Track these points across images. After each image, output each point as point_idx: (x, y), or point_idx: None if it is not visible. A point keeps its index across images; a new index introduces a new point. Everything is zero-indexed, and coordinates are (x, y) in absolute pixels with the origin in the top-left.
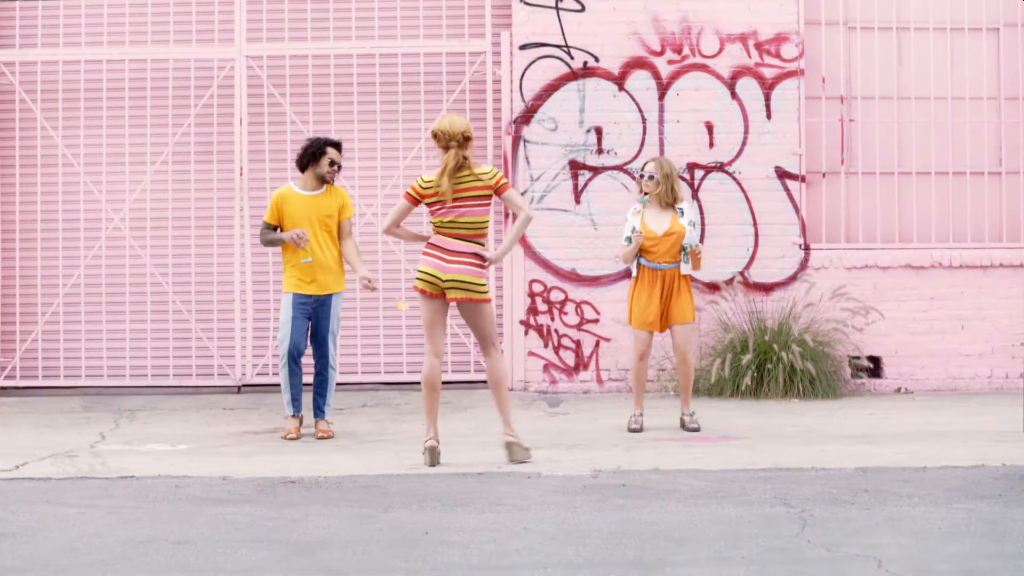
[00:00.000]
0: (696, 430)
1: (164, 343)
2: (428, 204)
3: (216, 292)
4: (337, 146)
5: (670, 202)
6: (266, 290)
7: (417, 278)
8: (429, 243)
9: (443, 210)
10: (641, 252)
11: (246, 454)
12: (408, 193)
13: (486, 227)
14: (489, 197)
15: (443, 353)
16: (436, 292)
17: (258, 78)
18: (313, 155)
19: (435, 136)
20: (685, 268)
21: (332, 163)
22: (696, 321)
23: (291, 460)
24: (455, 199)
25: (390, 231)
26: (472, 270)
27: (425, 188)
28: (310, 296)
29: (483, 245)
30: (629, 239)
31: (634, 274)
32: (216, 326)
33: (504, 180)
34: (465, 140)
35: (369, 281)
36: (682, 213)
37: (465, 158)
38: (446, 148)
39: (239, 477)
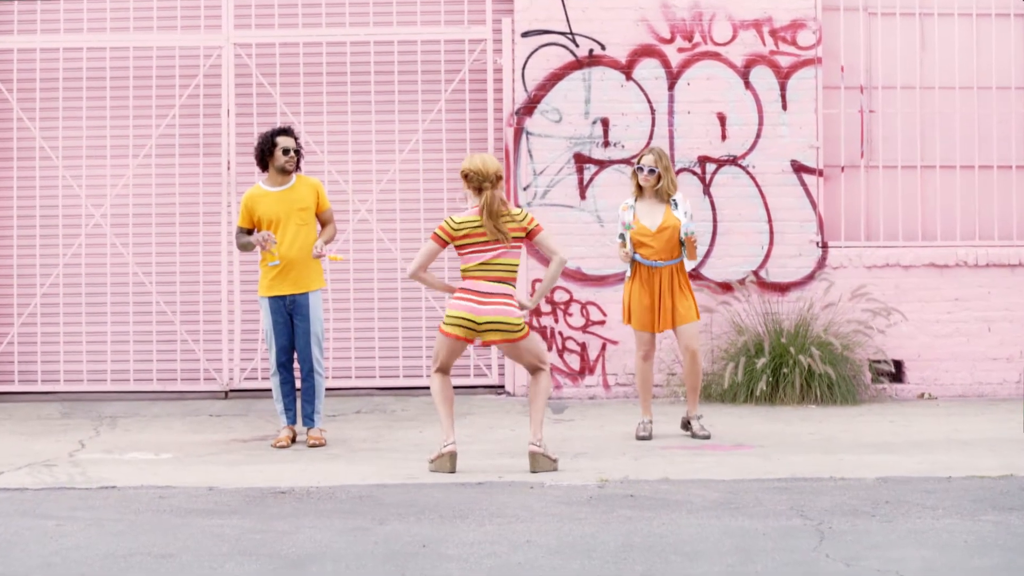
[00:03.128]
0: (707, 437)
1: (147, 346)
2: (458, 247)
3: (202, 292)
4: (287, 132)
5: (668, 194)
6: (254, 290)
7: (447, 323)
8: (461, 288)
9: (475, 253)
10: (635, 249)
11: (233, 463)
12: (436, 235)
13: (517, 270)
14: (522, 239)
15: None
16: (468, 337)
17: (246, 67)
18: (265, 150)
19: (466, 177)
20: (689, 264)
21: (286, 151)
22: (701, 320)
23: (281, 469)
24: (491, 241)
25: (417, 276)
26: (507, 310)
27: (458, 230)
28: (285, 296)
29: (514, 287)
30: (623, 236)
31: (628, 272)
32: (202, 328)
33: (536, 223)
34: (497, 180)
35: (319, 246)
36: (676, 205)
37: (502, 200)
38: (479, 189)
39: (226, 487)
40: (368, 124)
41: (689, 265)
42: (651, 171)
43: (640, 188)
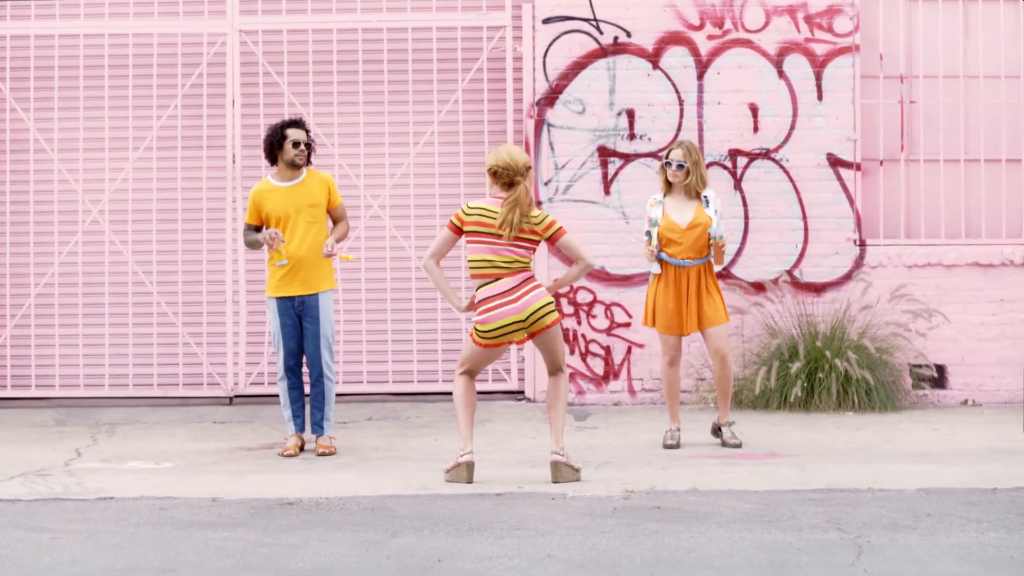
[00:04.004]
0: (738, 446)
1: (148, 349)
2: (467, 233)
3: (206, 293)
4: (297, 124)
5: (698, 190)
6: (261, 290)
7: (488, 337)
8: (482, 300)
9: (481, 244)
10: (662, 247)
11: (238, 473)
12: (451, 222)
13: (530, 262)
14: (538, 243)
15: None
16: (519, 340)
17: (253, 55)
18: (274, 143)
19: (495, 174)
20: (716, 267)
21: (296, 144)
22: (731, 321)
23: (289, 479)
24: (499, 235)
25: (427, 265)
26: (541, 292)
27: (469, 215)
28: (293, 297)
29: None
30: (650, 234)
31: (654, 271)
32: (206, 330)
33: (558, 227)
34: (527, 171)
35: (330, 245)
36: (707, 203)
37: (531, 200)
38: (510, 184)
39: (230, 498)
40: (381, 116)
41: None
42: (680, 166)
43: (669, 183)
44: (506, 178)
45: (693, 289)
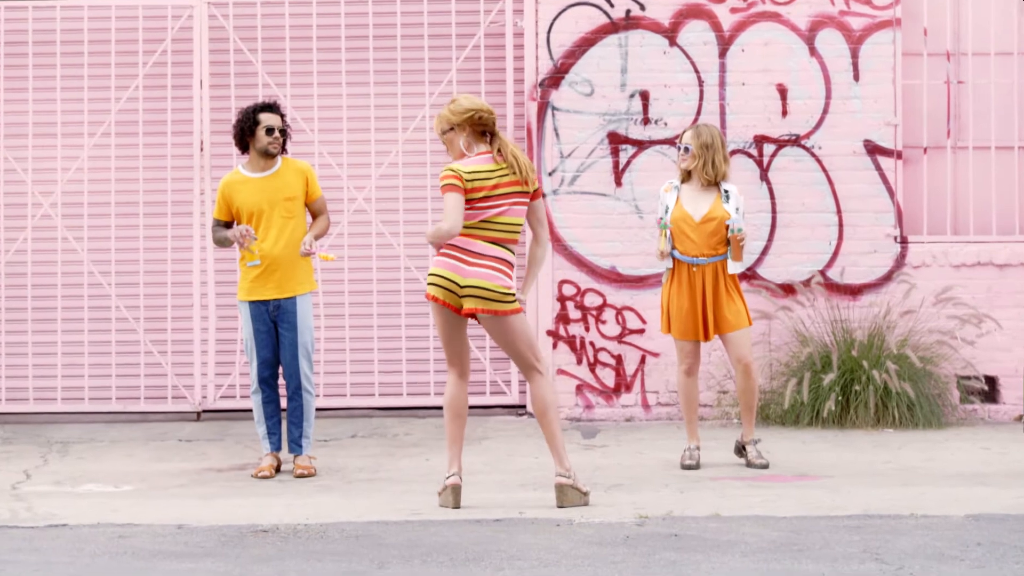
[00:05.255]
0: (765, 466)
1: (105, 359)
2: (469, 200)
3: (171, 296)
4: (271, 108)
5: (712, 179)
6: (232, 292)
7: (429, 283)
8: (448, 244)
9: (475, 210)
10: (674, 242)
11: (207, 496)
12: (452, 184)
13: (520, 230)
14: (528, 196)
15: (468, 372)
16: (452, 302)
17: (223, 29)
18: (246, 130)
19: (479, 120)
20: (734, 267)
21: (270, 130)
22: (754, 326)
23: (263, 504)
24: (496, 196)
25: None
26: (494, 275)
27: (468, 180)
28: (268, 301)
29: (513, 252)
30: (664, 223)
31: (667, 268)
32: (170, 337)
33: (537, 186)
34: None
35: (308, 242)
36: (727, 197)
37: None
38: (485, 133)
39: (198, 525)
40: (366, 98)
41: (734, 268)
42: (686, 149)
43: (688, 172)
44: (490, 123)
45: (710, 289)
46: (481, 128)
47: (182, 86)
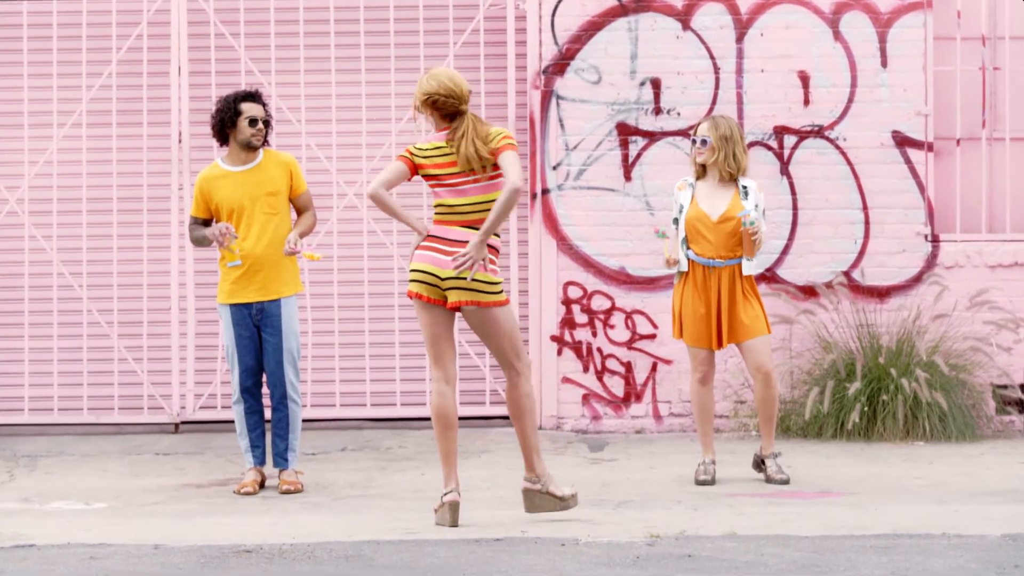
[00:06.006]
0: (785, 482)
1: (76, 367)
2: (425, 177)
3: (147, 299)
4: (254, 97)
5: (732, 174)
6: (213, 295)
7: (411, 279)
8: (428, 235)
9: (442, 188)
10: (689, 242)
11: (186, 514)
12: (402, 155)
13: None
14: (488, 176)
15: (455, 378)
16: (436, 297)
17: (203, 13)
18: (226, 121)
19: (433, 103)
20: (748, 267)
21: (253, 121)
22: (774, 333)
23: (246, 522)
24: (460, 174)
25: (376, 194)
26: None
27: (422, 156)
28: (250, 304)
29: (499, 236)
30: (676, 220)
31: (681, 268)
32: (146, 343)
33: (507, 140)
34: (469, 97)
35: (293, 241)
36: (746, 193)
37: (480, 120)
38: (453, 114)
39: (176, 545)
40: (357, 86)
41: (748, 268)
42: (704, 141)
43: (703, 167)
44: (450, 107)
45: (725, 293)
46: (441, 111)
47: (159, 73)
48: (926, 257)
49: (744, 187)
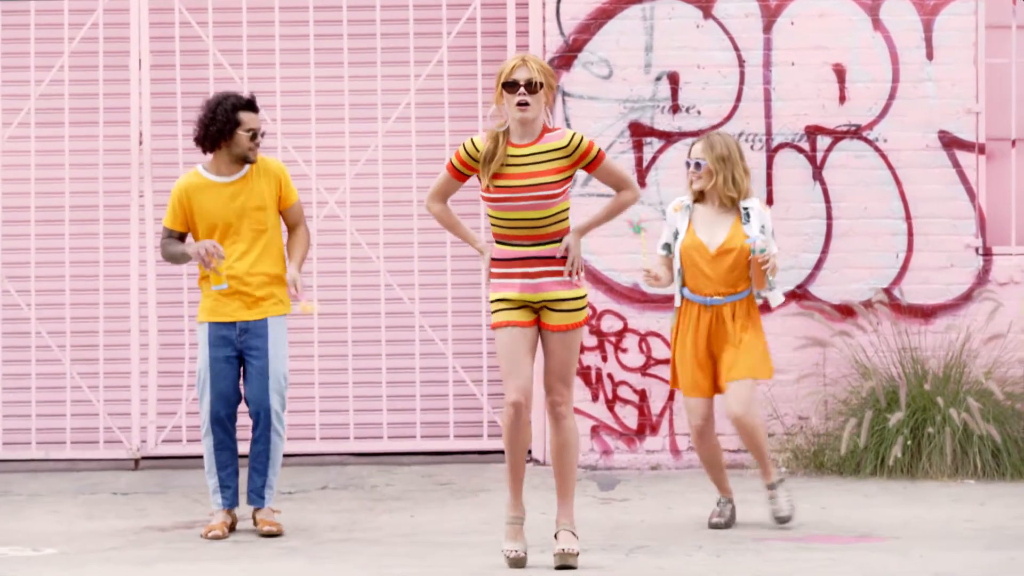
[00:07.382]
0: (785, 520)
1: (24, 395)
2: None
3: (103, 320)
4: (252, 107)
5: (733, 199)
6: (179, 315)
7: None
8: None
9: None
10: (684, 277)
11: (147, 561)
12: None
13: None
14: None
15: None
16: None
17: (167, 0)
18: (224, 131)
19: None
20: (775, 298)
21: (253, 134)
22: (769, 377)
23: (214, 570)
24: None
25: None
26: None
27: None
28: (234, 324)
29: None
30: (668, 247)
31: (677, 305)
32: (103, 370)
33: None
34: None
35: (294, 284)
36: (747, 216)
37: None
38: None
39: None
40: (340, 82)
41: (776, 299)
42: (698, 165)
43: (702, 192)
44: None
45: (724, 332)
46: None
47: (117, 67)
48: (977, 272)
49: (745, 209)
